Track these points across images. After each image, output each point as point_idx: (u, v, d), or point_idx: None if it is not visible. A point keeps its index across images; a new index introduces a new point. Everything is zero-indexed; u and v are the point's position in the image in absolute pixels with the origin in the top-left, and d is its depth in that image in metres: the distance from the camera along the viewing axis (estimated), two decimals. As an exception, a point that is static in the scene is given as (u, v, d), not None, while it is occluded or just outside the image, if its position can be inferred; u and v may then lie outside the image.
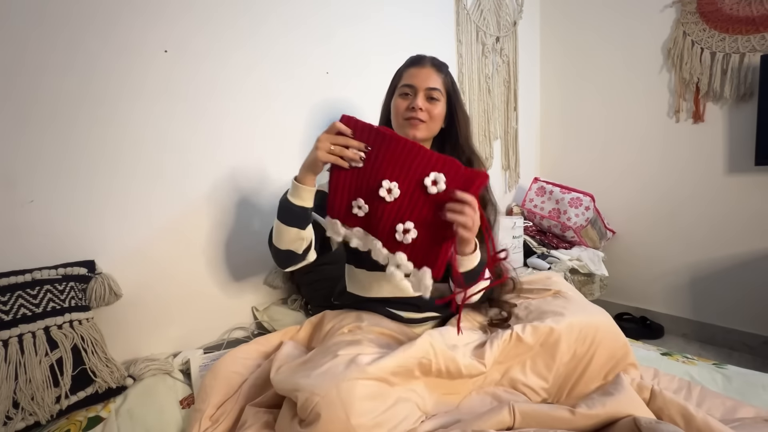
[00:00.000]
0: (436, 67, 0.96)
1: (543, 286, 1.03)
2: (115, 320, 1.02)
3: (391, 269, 0.75)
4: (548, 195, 2.05)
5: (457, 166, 0.73)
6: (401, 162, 0.74)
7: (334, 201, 0.79)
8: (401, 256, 0.75)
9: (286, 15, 1.30)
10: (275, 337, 1.01)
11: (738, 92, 1.68)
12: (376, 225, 0.76)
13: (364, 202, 0.77)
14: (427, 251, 0.74)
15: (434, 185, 0.73)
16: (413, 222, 0.74)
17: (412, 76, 0.95)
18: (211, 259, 1.20)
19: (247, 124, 1.24)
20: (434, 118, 0.94)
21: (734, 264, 1.78)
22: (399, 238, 0.74)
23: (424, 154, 0.74)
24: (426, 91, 0.93)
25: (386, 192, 0.74)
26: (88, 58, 0.97)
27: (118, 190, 1.03)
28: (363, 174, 0.76)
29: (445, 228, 0.72)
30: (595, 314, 0.89)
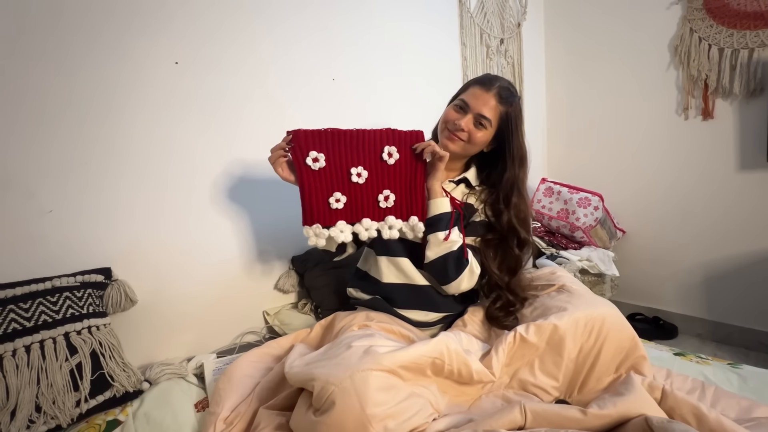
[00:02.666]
0: (500, 97, 0.96)
1: (547, 281, 1.03)
2: (130, 326, 1.05)
3: (387, 232, 0.92)
4: (556, 195, 2.03)
5: (397, 134, 0.90)
6: (356, 149, 0.88)
7: (311, 206, 0.87)
8: (390, 218, 0.92)
9: (292, 24, 1.33)
10: (286, 341, 1.03)
11: (748, 88, 1.66)
12: (360, 206, 0.90)
13: (341, 194, 0.89)
14: (408, 204, 0.93)
15: (390, 156, 0.90)
16: (388, 189, 0.91)
17: (472, 95, 0.97)
18: (222, 264, 1.23)
19: (256, 131, 1.26)
20: (474, 141, 0.97)
21: (749, 262, 1.74)
22: (383, 206, 0.92)
23: (370, 136, 0.88)
24: (476, 115, 0.95)
25: (357, 176, 0.88)
26: (100, 69, 1.00)
27: (132, 198, 1.06)
28: (330, 171, 0.87)
29: (413, 182, 0.92)
30: (600, 306, 0.88)
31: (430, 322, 1.03)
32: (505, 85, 0.98)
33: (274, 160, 0.88)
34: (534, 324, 0.83)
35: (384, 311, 1.02)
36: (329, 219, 0.89)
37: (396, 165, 0.90)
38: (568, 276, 1.02)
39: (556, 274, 1.03)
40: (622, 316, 0.86)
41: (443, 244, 0.93)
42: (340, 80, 1.46)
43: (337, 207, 0.88)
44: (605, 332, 0.81)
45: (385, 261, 1.02)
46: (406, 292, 1.01)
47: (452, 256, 0.93)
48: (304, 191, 0.87)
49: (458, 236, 0.95)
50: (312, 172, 0.86)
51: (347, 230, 0.90)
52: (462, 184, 1.06)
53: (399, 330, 0.93)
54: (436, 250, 0.94)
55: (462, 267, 0.94)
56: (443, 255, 0.93)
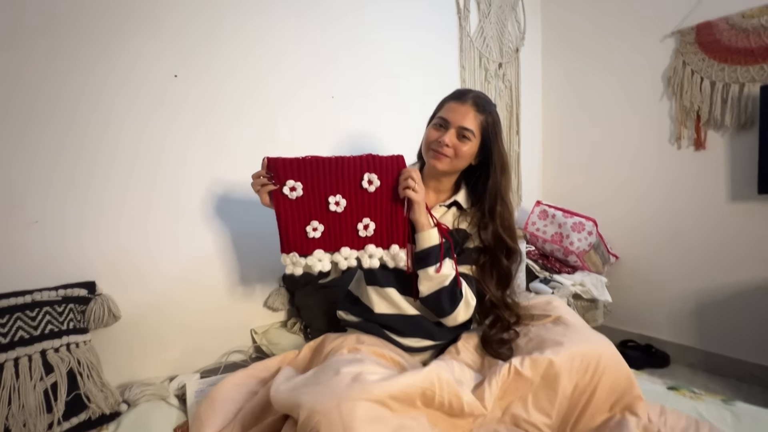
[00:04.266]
0: (477, 106, 0.94)
1: (543, 311, 1.01)
2: (112, 342, 1.02)
3: (367, 261, 0.90)
4: (551, 219, 2.04)
5: (378, 160, 0.88)
6: (335, 177, 0.87)
7: (288, 235, 0.87)
8: (370, 247, 0.90)
9: (293, 43, 1.34)
10: (273, 363, 1.00)
11: (739, 121, 1.70)
12: (338, 235, 0.89)
13: (318, 222, 0.88)
14: (389, 232, 0.90)
15: (370, 184, 0.88)
16: (368, 217, 0.89)
17: (449, 110, 0.96)
18: (210, 280, 1.20)
19: (247, 145, 1.25)
20: (460, 155, 0.95)
21: (740, 292, 1.75)
22: (363, 234, 0.90)
23: (349, 163, 0.87)
24: (458, 128, 0.94)
25: (335, 205, 0.87)
26: (87, 75, 0.99)
27: (118, 210, 1.04)
28: (308, 200, 0.87)
29: (394, 210, 0.89)
30: (597, 342, 0.87)
31: (422, 347, 1.00)
32: (479, 94, 0.97)
33: (256, 189, 0.88)
34: (529, 357, 0.81)
35: (375, 334, 1.00)
36: (306, 247, 0.89)
37: (376, 192, 0.88)
38: (564, 307, 1.01)
39: (552, 304, 1.02)
40: (619, 353, 0.85)
41: (435, 278, 0.90)
42: (339, 97, 1.47)
43: (314, 236, 0.88)
44: (601, 370, 0.80)
45: (373, 292, 1.00)
46: (400, 322, 0.98)
47: (445, 291, 0.91)
48: (280, 220, 0.87)
49: (450, 269, 0.92)
50: (289, 201, 0.86)
51: (325, 259, 0.90)
52: (454, 207, 1.04)
53: (390, 355, 0.91)
54: (429, 285, 0.91)
55: (456, 300, 0.92)
56: (436, 291, 0.91)
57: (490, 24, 1.98)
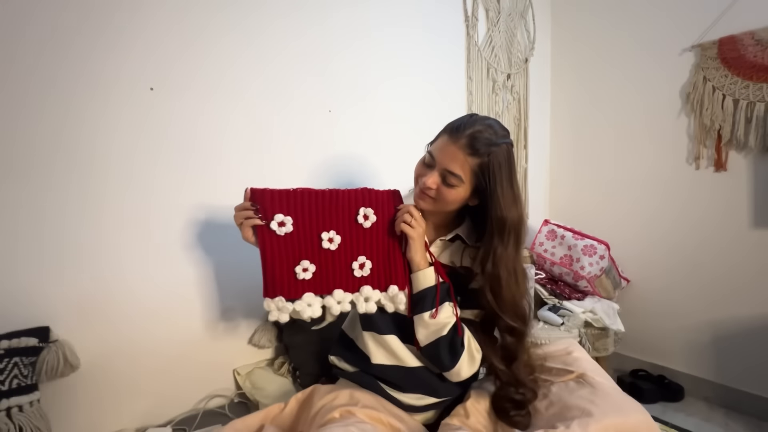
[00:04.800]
0: (471, 149, 0.76)
1: (563, 365, 0.89)
2: (69, 394, 0.89)
3: (363, 306, 0.80)
4: (560, 240, 1.92)
5: (374, 194, 0.81)
6: (328, 211, 0.79)
7: (274, 276, 0.77)
8: (366, 288, 0.80)
9: (286, 54, 1.22)
10: (254, 419, 0.87)
11: (764, 142, 1.58)
12: (332, 275, 0.79)
13: (309, 262, 0.78)
14: (387, 272, 0.81)
15: (366, 219, 0.80)
16: (364, 255, 0.81)
17: (439, 147, 0.80)
18: (188, 316, 1.07)
19: (240, 169, 1.13)
20: (444, 200, 0.80)
21: (762, 325, 1.64)
22: (358, 274, 0.80)
23: (343, 197, 0.79)
24: (443, 171, 0.78)
25: (329, 242, 0.79)
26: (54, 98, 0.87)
27: (81, 244, 0.91)
28: (298, 236, 0.78)
29: (392, 247, 0.81)
30: (631, 412, 0.75)
31: (424, 406, 0.88)
32: (480, 130, 0.76)
33: (239, 223, 0.77)
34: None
35: (371, 389, 0.88)
36: (294, 291, 0.78)
37: (372, 228, 0.80)
38: (587, 359, 0.89)
39: (573, 354, 0.89)
40: (656, 424, 0.73)
41: (431, 326, 0.78)
42: (336, 111, 1.35)
43: (305, 277, 0.78)
44: (638, 450, 0.68)
45: (371, 339, 0.88)
46: (399, 376, 0.86)
47: (444, 341, 0.78)
48: (266, 259, 0.76)
49: (449, 315, 0.80)
50: (276, 237, 0.76)
51: (316, 304, 0.79)
52: (458, 241, 0.90)
53: (388, 420, 0.78)
54: (425, 334, 0.80)
55: (457, 353, 0.79)
56: (434, 341, 0.79)
57: (498, 33, 1.87)
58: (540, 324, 1.65)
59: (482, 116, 0.83)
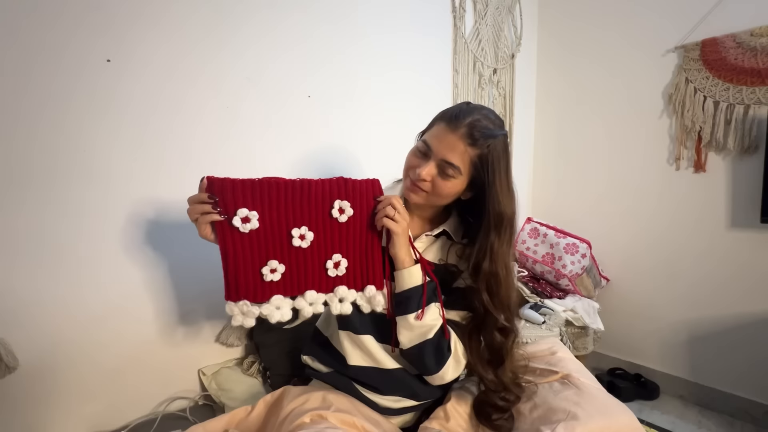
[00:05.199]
0: (471, 138, 0.71)
1: (547, 365, 0.86)
2: (7, 398, 0.79)
3: (337, 306, 0.74)
4: (542, 238, 1.91)
5: (351, 184, 0.72)
6: (299, 205, 0.70)
7: (237, 278, 0.67)
8: (341, 289, 0.74)
9: (272, 33, 1.14)
10: (218, 424, 0.80)
11: (742, 144, 1.61)
12: (303, 276, 0.72)
13: (278, 262, 0.70)
14: (364, 270, 0.75)
15: (342, 213, 0.72)
16: (339, 253, 0.73)
17: (436, 135, 0.75)
18: (146, 312, 0.98)
19: (208, 153, 1.05)
20: (439, 193, 0.76)
21: (737, 325, 1.66)
22: (332, 274, 0.73)
23: (317, 188, 0.71)
24: (440, 161, 0.73)
25: (300, 239, 0.70)
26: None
27: (15, 230, 0.81)
28: (265, 233, 0.69)
29: (370, 244, 0.74)
30: (617, 415, 0.72)
31: (402, 408, 0.83)
32: (479, 119, 0.73)
33: (194, 218, 0.66)
34: (538, 438, 0.65)
35: (346, 391, 0.82)
36: (261, 294, 0.69)
37: (349, 223, 0.72)
38: (572, 359, 0.86)
39: (557, 354, 0.86)
40: (641, 426, 0.70)
41: (416, 328, 0.73)
42: (316, 97, 1.28)
43: (273, 279, 0.69)
44: (625, 453, 0.65)
45: (346, 338, 0.82)
46: (376, 377, 0.81)
47: (430, 345, 0.74)
48: (227, 260, 0.67)
49: (436, 317, 0.75)
50: (239, 235, 0.67)
51: (285, 306, 0.70)
52: (443, 237, 0.86)
53: (362, 425, 0.73)
54: (409, 336, 0.74)
55: (443, 357, 0.75)
56: (418, 344, 0.74)
57: (486, 26, 1.83)
58: (521, 322, 1.63)
59: (478, 105, 0.78)
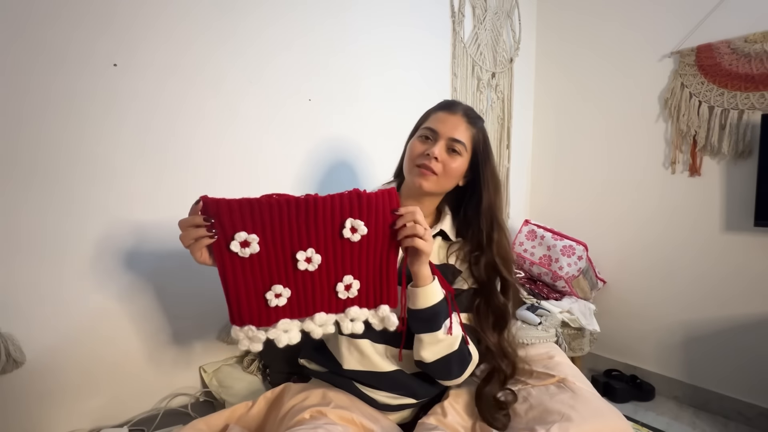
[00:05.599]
0: (469, 117, 0.84)
1: (544, 369, 0.88)
2: (14, 392, 0.81)
3: (348, 326, 0.69)
4: (539, 240, 1.93)
5: (365, 200, 0.65)
6: (304, 225, 0.63)
7: (240, 304, 0.63)
8: (353, 309, 0.69)
9: (272, 32, 1.16)
10: (219, 419, 0.82)
11: (736, 149, 1.63)
12: (311, 300, 0.67)
13: (283, 287, 0.65)
14: (377, 290, 0.70)
15: (354, 232, 0.65)
16: (351, 275, 0.68)
17: (438, 120, 0.83)
18: (149, 306, 1.00)
19: (209, 153, 1.07)
20: (449, 173, 0.81)
21: (731, 327, 1.68)
22: (344, 297, 0.68)
23: (326, 206, 0.63)
24: (449, 140, 0.81)
25: (306, 262, 0.64)
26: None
27: (24, 229, 0.83)
28: (267, 257, 0.63)
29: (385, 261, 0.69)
30: (609, 418, 0.74)
31: (400, 405, 0.85)
32: (468, 106, 0.88)
33: (187, 244, 0.61)
34: (533, 436, 0.67)
35: (344, 388, 0.84)
36: (266, 319, 0.65)
37: (362, 242, 0.66)
38: (569, 364, 0.88)
39: (555, 359, 0.88)
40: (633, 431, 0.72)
41: (444, 342, 0.74)
42: (317, 99, 1.30)
43: (278, 304, 0.64)
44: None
45: (345, 342, 0.84)
46: (374, 379, 0.83)
47: (456, 355, 0.75)
48: (228, 286, 0.62)
49: (458, 327, 0.77)
50: (239, 260, 0.62)
51: (293, 329, 0.67)
52: (439, 238, 0.88)
53: (360, 421, 0.75)
54: (434, 350, 0.74)
55: (467, 363, 0.78)
56: (444, 356, 0.75)
57: (484, 31, 1.86)
58: (518, 323, 1.64)
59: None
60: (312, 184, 1.27)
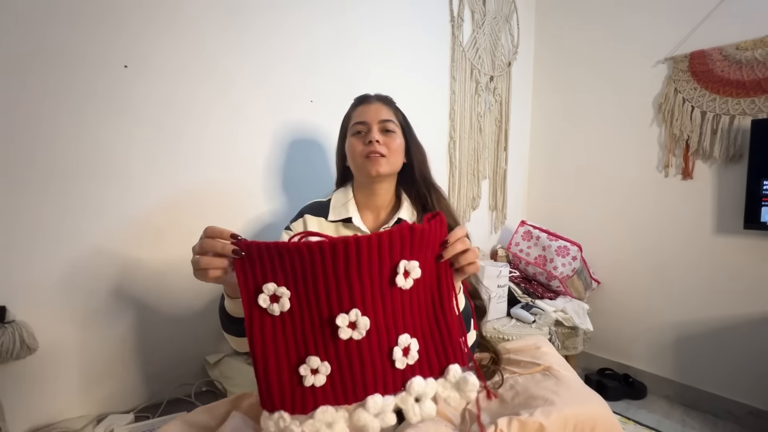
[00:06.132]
0: (384, 101, 0.93)
1: (531, 359, 0.92)
2: (26, 377, 0.85)
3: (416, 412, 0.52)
4: (535, 240, 1.97)
5: (418, 235, 0.52)
6: (345, 276, 0.50)
7: (269, 382, 0.50)
8: (417, 382, 0.53)
9: (268, 36, 1.20)
10: (222, 406, 0.85)
11: (727, 153, 1.67)
12: (360, 378, 0.52)
13: (320, 360, 0.51)
14: (439, 346, 0.54)
15: (407, 277, 0.52)
16: (407, 333, 0.53)
17: (361, 113, 0.91)
18: (155, 299, 1.04)
19: (215, 152, 1.11)
20: (393, 151, 0.88)
21: (721, 327, 1.72)
22: (402, 365, 0.53)
23: (372, 247, 0.50)
24: (380, 123, 0.88)
25: (350, 329, 0.50)
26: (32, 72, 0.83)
27: (43, 222, 0.87)
28: (302, 318, 0.51)
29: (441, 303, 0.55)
30: (591, 403, 0.78)
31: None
32: (377, 93, 0.95)
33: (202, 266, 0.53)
34: (517, 419, 0.70)
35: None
36: (302, 404, 0.50)
37: (416, 287, 0.53)
38: (555, 354, 0.91)
39: (542, 349, 0.92)
40: (614, 416, 0.76)
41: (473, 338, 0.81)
42: (319, 102, 1.34)
43: (314, 383, 0.50)
44: (596, 435, 0.71)
45: None
46: None
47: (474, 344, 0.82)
48: (255, 353, 0.50)
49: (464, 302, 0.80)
50: (270, 319, 0.50)
51: (340, 422, 0.51)
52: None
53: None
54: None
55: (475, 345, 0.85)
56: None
57: (483, 35, 1.90)
58: (512, 321, 1.69)
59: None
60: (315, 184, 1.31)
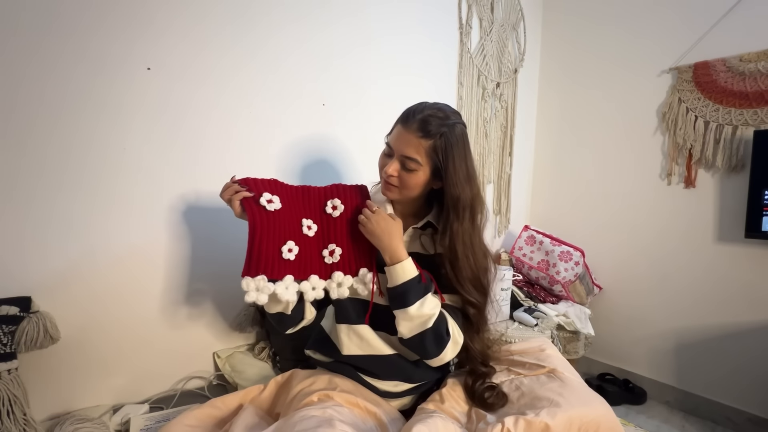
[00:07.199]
0: (423, 131, 0.80)
1: (536, 360, 0.94)
2: (47, 366, 0.89)
3: (336, 291, 0.84)
4: (538, 245, 2.00)
5: (341, 187, 0.88)
6: (305, 201, 0.86)
7: (260, 252, 0.76)
8: (338, 274, 0.84)
9: (285, 44, 1.24)
10: (234, 399, 0.89)
11: (730, 163, 1.69)
12: (309, 260, 0.83)
13: (294, 243, 0.81)
14: (356, 257, 0.86)
15: (334, 209, 0.86)
16: (334, 242, 0.85)
17: (395, 136, 0.85)
18: (169, 296, 1.07)
19: (231, 153, 1.15)
20: (407, 186, 0.84)
21: (721, 334, 1.74)
22: (329, 261, 0.85)
23: (315, 190, 0.87)
24: (401, 158, 0.83)
25: (308, 228, 0.84)
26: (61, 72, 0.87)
27: (67, 217, 0.91)
28: (285, 216, 0.81)
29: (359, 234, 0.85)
30: (595, 405, 0.80)
31: (400, 392, 0.91)
32: (429, 114, 0.81)
33: (227, 198, 0.79)
34: (524, 419, 0.73)
35: (348, 376, 0.90)
36: (278, 271, 0.78)
37: (341, 217, 0.86)
38: (559, 357, 0.94)
39: (546, 351, 0.95)
40: (617, 419, 0.78)
41: (416, 319, 0.80)
42: (331, 106, 1.37)
43: (289, 258, 0.80)
44: (600, 438, 0.73)
45: (344, 330, 0.90)
46: (373, 364, 0.89)
47: (430, 333, 0.80)
48: (255, 234, 0.76)
49: (434, 306, 0.82)
50: (266, 213, 0.79)
51: (292, 288, 0.80)
52: (429, 229, 0.93)
53: (365, 405, 0.81)
54: (409, 327, 0.81)
55: (443, 342, 0.82)
56: (419, 333, 0.80)
57: (491, 42, 1.93)
58: (515, 324, 1.71)
59: (432, 102, 0.86)
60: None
